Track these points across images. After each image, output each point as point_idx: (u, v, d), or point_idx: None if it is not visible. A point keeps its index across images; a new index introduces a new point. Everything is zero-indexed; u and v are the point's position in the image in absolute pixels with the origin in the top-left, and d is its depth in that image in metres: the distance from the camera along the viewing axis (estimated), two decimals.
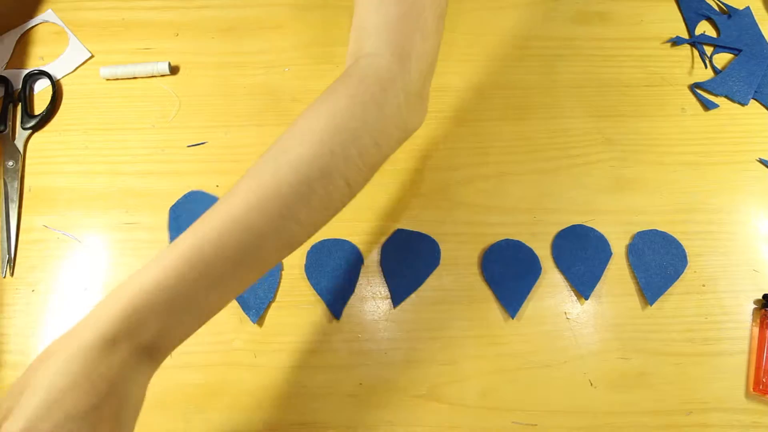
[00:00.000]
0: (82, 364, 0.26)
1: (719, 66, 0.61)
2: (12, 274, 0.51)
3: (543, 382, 0.49)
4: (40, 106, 0.57)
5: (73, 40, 0.60)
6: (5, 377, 0.48)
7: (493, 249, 0.52)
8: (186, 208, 0.53)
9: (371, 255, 0.52)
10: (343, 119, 0.33)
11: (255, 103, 0.58)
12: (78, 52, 0.59)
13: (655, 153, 0.57)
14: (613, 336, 0.50)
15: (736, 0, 0.64)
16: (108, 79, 0.58)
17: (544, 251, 0.53)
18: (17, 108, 0.57)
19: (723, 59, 0.62)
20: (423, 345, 0.50)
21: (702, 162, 0.56)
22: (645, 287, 0.51)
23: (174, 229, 0.52)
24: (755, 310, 0.51)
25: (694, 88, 0.60)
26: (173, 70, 0.59)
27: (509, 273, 0.51)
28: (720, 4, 0.65)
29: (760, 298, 0.51)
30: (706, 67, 0.61)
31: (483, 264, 0.52)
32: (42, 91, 0.58)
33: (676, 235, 0.53)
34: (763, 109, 0.59)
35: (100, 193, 0.54)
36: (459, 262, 0.52)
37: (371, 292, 0.51)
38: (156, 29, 0.61)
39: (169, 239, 0.52)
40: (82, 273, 0.51)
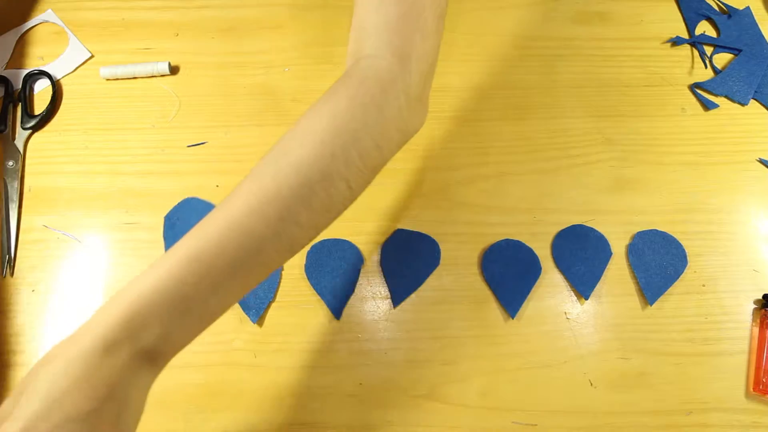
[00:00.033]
0: (82, 367, 0.26)
1: (719, 66, 0.61)
2: (12, 274, 0.51)
3: (543, 382, 0.49)
4: (40, 106, 0.57)
5: (73, 40, 0.60)
6: (5, 377, 0.48)
7: (493, 249, 0.52)
8: (181, 216, 0.52)
9: (371, 255, 0.52)
10: (343, 121, 0.33)
11: (255, 103, 0.58)
12: (78, 52, 0.59)
13: (655, 153, 0.57)
14: (613, 336, 0.50)
15: (736, 0, 0.64)
16: (108, 79, 0.58)
17: (544, 251, 0.53)
18: (17, 108, 0.57)
19: (723, 59, 0.62)
20: (423, 345, 0.50)
21: (702, 162, 0.56)
22: (645, 287, 0.51)
23: (169, 237, 0.52)
24: (755, 310, 0.51)
25: (694, 88, 0.60)
26: (173, 70, 0.59)
27: (509, 273, 0.51)
28: (720, 4, 0.65)
29: (760, 298, 0.51)
30: (706, 67, 0.61)
31: (483, 264, 0.52)
32: (42, 91, 0.58)
33: (676, 235, 0.53)
34: (763, 109, 0.59)
35: (100, 193, 0.54)
36: (459, 262, 0.52)
37: (371, 292, 0.51)
38: (156, 29, 0.61)
39: (165, 247, 0.51)
40: (82, 273, 0.51)
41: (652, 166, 0.56)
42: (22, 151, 0.55)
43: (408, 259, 0.52)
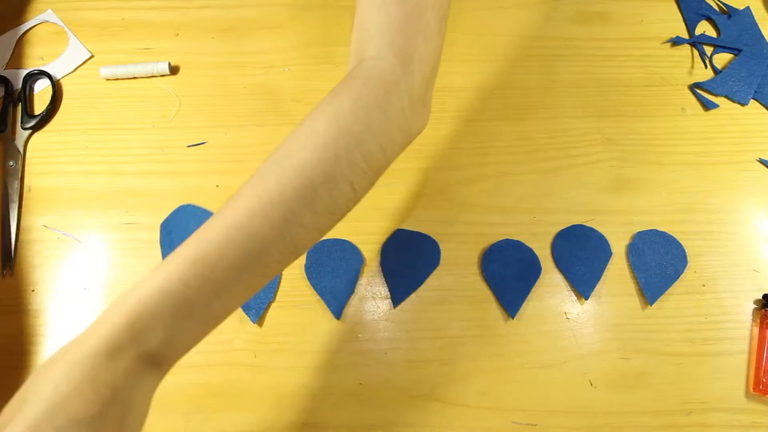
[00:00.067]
0: (86, 371, 0.26)
1: (719, 66, 0.61)
2: (12, 274, 0.51)
3: (543, 382, 0.49)
4: (40, 106, 0.57)
5: (73, 40, 0.60)
6: (5, 378, 0.48)
7: (493, 249, 0.52)
8: (178, 223, 0.52)
9: (371, 255, 0.52)
10: (346, 122, 0.33)
11: (255, 103, 0.58)
12: (78, 52, 0.59)
13: (655, 153, 0.57)
14: (613, 336, 0.50)
15: (736, 0, 0.64)
16: (108, 79, 0.58)
17: (544, 251, 0.53)
18: (17, 108, 0.57)
19: (723, 59, 0.62)
20: (423, 345, 0.50)
21: (702, 162, 0.56)
22: (645, 287, 0.51)
23: (166, 244, 0.51)
24: (755, 310, 0.51)
25: (694, 88, 0.60)
26: (173, 70, 0.59)
27: (509, 273, 0.51)
28: (720, 4, 0.65)
29: (760, 298, 0.51)
30: (706, 67, 0.61)
31: (483, 264, 0.52)
32: (42, 91, 0.58)
33: (676, 235, 0.53)
34: (763, 109, 0.59)
35: (100, 193, 0.54)
36: (459, 262, 0.52)
37: (371, 292, 0.51)
38: (156, 29, 0.61)
39: (162, 254, 0.51)
40: (82, 273, 0.51)
41: (652, 166, 0.56)
42: (22, 151, 0.55)
43: (408, 259, 0.52)
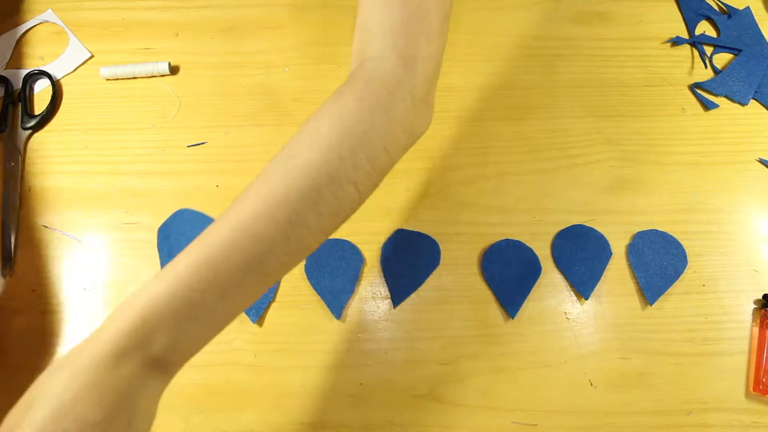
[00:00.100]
0: (92, 376, 0.26)
1: (719, 66, 0.61)
2: (12, 275, 0.51)
3: (543, 382, 0.49)
4: (40, 106, 0.57)
5: (73, 40, 0.60)
6: (6, 378, 0.48)
7: (493, 249, 0.52)
8: (175, 227, 0.52)
9: (371, 255, 0.52)
10: (350, 123, 0.33)
11: (255, 103, 0.58)
12: (78, 52, 0.59)
13: (655, 153, 0.57)
14: (613, 336, 0.50)
15: (736, 0, 0.64)
16: (108, 79, 0.58)
17: (544, 251, 0.53)
18: (17, 108, 0.57)
19: (723, 59, 0.62)
20: (423, 345, 0.50)
21: (702, 162, 0.56)
22: (645, 287, 0.51)
23: (163, 249, 0.51)
24: (755, 310, 0.51)
25: (694, 88, 0.60)
26: (173, 70, 0.59)
27: (509, 273, 0.51)
28: (720, 4, 0.65)
29: (760, 298, 0.51)
30: (706, 67, 0.61)
31: (483, 264, 0.52)
32: (42, 91, 0.58)
33: (676, 235, 0.53)
34: (763, 109, 0.59)
35: (100, 193, 0.54)
36: (459, 262, 0.52)
37: (371, 292, 0.51)
38: (156, 29, 0.61)
39: (159, 259, 0.51)
40: (82, 273, 0.51)
41: (652, 166, 0.56)
42: (22, 151, 0.55)
43: (408, 259, 0.52)
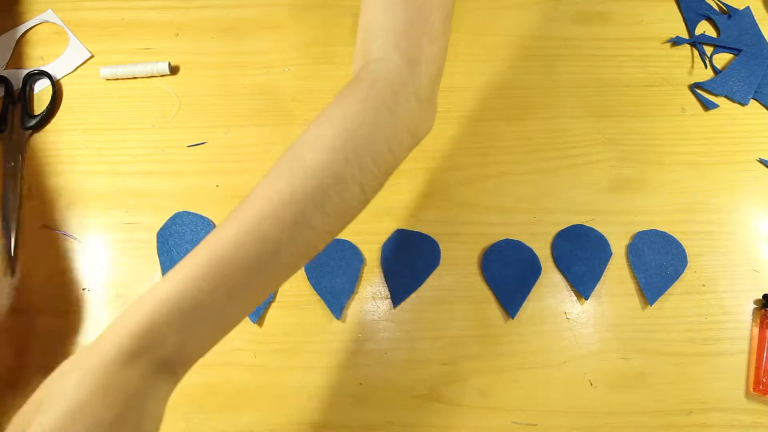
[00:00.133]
0: (101, 378, 0.26)
1: (719, 66, 0.61)
2: (12, 275, 0.51)
3: (543, 382, 0.49)
4: (40, 106, 0.57)
5: (73, 40, 0.60)
6: (5, 376, 0.48)
7: (493, 249, 0.52)
8: (173, 230, 0.52)
9: (371, 255, 0.52)
10: (355, 124, 0.33)
11: (255, 103, 0.58)
12: (78, 52, 0.59)
13: (655, 153, 0.57)
14: (613, 336, 0.50)
15: (736, 0, 0.64)
16: (108, 79, 0.58)
17: (544, 251, 0.53)
18: (17, 108, 0.57)
19: (723, 59, 0.62)
20: (423, 345, 0.50)
21: (702, 162, 0.56)
22: (645, 287, 0.51)
23: (163, 252, 0.51)
24: (755, 310, 0.51)
25: (694, 88, 0.60)
26: (173, 70, 0.59)
27: (509, 273, 0.51)
28: (720, 4, 0.65)
29: (760, 298, 0.51)
30: (706, 67, 0.61)
31: (483, 264, 0.52)
32: (42, 91, 0.58)
33: (676, 235, 0.53)
34: (763, 109, 0.59)
35: (100, 193, 0.54)
36: (459, 262, 0.52)
37: (371, 292, 0.51)
38: (156, 29, 0.61)
39: (160, 262, 0.51)
40: (82, 273, 0.51)
41: (652, 166, 0.56)
42: (22, 151, 0.55)
43: (408, 259, 0.52)
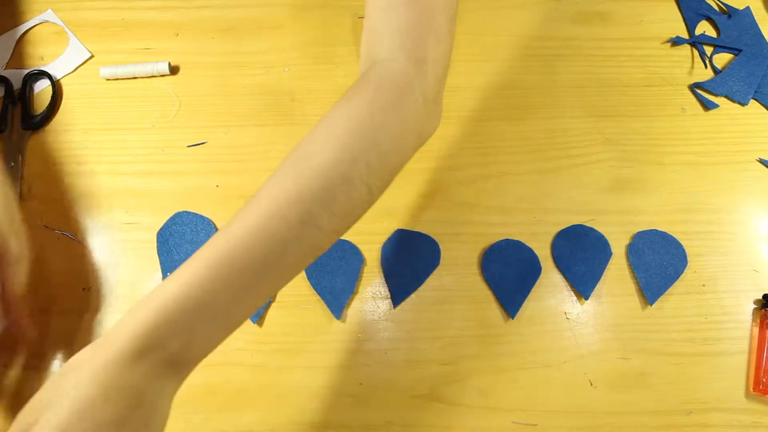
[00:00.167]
0: (109, 376, 0.26)
1: (719, 66, 0.61)
2: None
3: (543, 382, 0.49)
4: (40, 106, 0.57)
5: (73, 40, 0.60)
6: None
7: (493, 249, 0.52)
8: (173, 230, 0.52)
9: (371, 255, 0.52)
10: (362, 125, 0.33)
11: (255, 103, 0.58)
12: (78, 52, 0.59)
13: (655, 153, 0.57)
14: (613, 336, 0.50)
15: (736, 0, 0.64)
16: (108, 79, 0.58)
17: (544, 251, 0.53)
18: (17, 108, 0.57)
19: (723, 59, 0.62)
20: (423, 345, 0.50)
21: (702, 162, 0.56)
22: (645, 287, 0.51)
23: (163, 252, 0.51)
24: (755, 310, 0.51)
25: (694, 88, 0.60)
26: (173, 70, 0.59)
27: (509, 273, 0.51)
28: (720, 4, 0.65)
29: (760, 298, 0.51)
30: (706, 67, 0.61)
31: (483, 264, 0.52)
32: (42, 91, 0.58)
33: (676, 235, 0.53)
34: (763, 109, 0.59)
35: (100, 193, 0.54)
36: (459, 262, 0.52)
37: (371, 292, 0.51)
38: (156, 29, 0.61)
39: (159, 262, 0.51)
40: (82, 273, 0.51)
41: (652, 166, 0.56)
42: (22, 151, 0.55)
43: (408, 259, 0.52)
